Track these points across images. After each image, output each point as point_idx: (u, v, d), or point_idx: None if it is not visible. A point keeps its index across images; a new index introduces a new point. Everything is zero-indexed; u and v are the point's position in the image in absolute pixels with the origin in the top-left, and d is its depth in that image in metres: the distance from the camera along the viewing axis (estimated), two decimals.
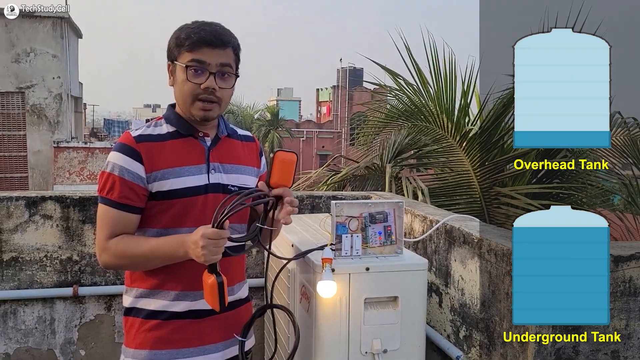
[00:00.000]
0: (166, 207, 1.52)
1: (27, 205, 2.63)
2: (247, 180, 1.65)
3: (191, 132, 1.58)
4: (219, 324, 1.60)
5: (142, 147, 1.52)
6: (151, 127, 1.58)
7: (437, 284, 2.33)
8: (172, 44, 1.53)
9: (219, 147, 1.61)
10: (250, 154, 1.71)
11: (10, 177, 12.06)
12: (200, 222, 1.51)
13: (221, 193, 1.56)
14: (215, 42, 1.49)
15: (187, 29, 1.51)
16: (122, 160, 1.50)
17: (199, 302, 1.55)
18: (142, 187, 1.51)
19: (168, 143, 1.55)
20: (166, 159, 1.53)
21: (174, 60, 1.53)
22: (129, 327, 1.59)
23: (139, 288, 1.57)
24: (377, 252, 1.87)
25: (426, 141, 5.23)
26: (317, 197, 3.03)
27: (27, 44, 11.74)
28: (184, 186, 1.52)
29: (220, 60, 1.50)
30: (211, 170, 1.57)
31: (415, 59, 5.26)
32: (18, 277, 2.65)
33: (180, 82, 1.52)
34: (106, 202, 1.52)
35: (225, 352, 1.62)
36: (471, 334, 2.06)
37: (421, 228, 2.50)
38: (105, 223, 1.52)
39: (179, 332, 1.55)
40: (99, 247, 1.53)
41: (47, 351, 2.71)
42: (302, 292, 1.91)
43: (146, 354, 1.54)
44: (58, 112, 12.06)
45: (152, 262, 1.51)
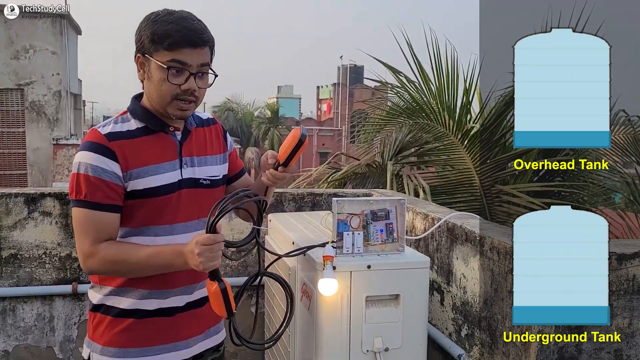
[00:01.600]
0: (140, 206, 1.49)
1: (26, 202, 2.62)
2: (216, 170, 1.63)
3: (162, 127, 1.53)
4: (190, 320, 1.59)
5: (115, 146, 1.46)
6: (119, 123, 1.52)
7: (439, 282, 2.32)
8: (145, 38, 1.46)
9: (189, 140, 1.58)
10: (216, 139, 1.68)
11: (10, 174, 12.05)
12: (174, 219, 1.51)
13: (193, 188, 1.55)
14: (197, 42, 1.45)
15: (164, 24, 1.43)
16: (96, 159, 1.44)
17: (169, 300, 1.54)
18: (121, 185, 1.46)
19: (140, 140, 1.50)
20: (140, 157, 1.48)
21: (148, 55, 1.46)
22: (97, 322, 1.56)
23: (109, 286, 1.53)
24: (379, 249, 1.86)
25: (427, 139, 5.21)
26: (318, 195, 3.01)
27: (27, 40, 11.72)
28: (159, 184, 1.49)
29: (200, 61, 1.46)
30: (184, 165, 1.54)
31: (417, 56, 5.24)
32: (17, 274, 2.63)
33: (158, 81, 1.46)
34: (87, 205, 1.45)
35: (198, 345, 1.62)
36: (473, 332, 2.05)
37: (423, 226, 2.49)
38: (89, 227, 1.45)
39: (149, 329, 1.54)
40: (84, 252, 1.46)
41: (46, 349, 2.70)
42: (303, 290, 1.90)
43: (116, 352, 1.52)
44: (57, 109, 12.04)
45: (147, 270, 1.49)
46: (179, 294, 1.56)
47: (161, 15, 1.46)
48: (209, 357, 1.68)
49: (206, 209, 1.58)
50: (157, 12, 1.49)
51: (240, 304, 2.88)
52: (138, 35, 1.48)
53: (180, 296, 1.57)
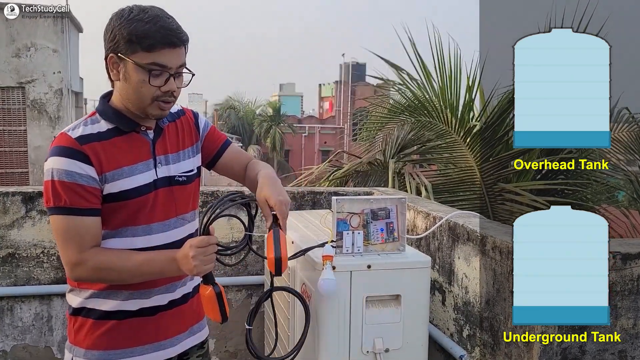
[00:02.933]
0: (116, 209, 1.45)
1: (23, 201, 2.60)
2: (190, 164, 1.60)
3: (133, 127, 1.50)
4: (173, 319, 1.58)
5: (88, 149, 1.42)
6: (88, 125, 1.47)
7: (441, 282, 2.29)
8: (120, 37, 1.40)
9: (162, 138, 1.55)
10: (187, 130, 1.64)
11: (11, 173, 12.05)
12: (151, 218, 1.48)
13: (169, 186, 1.53)
14: (176, 43, 1.42)
15: (141, 24, 1.39)
16: (69, 164, 1.39)
17: (151, 299, 1.52)
18: (98, 188, 1.43)
19: (111, 142, 1.46)
20: (113, 159, 1.45)
21: (122, 55, 1.41)
22: (78, 326, 1.52)
23: (89, 289, 1.50)
24: (379, 249, 1.83)
25: (430, 137, 5.19)
26: (318, 193, 2.99)
27: (28, 38, 11.71)
28: (135, 185, 1.46)
29: (178, 62, 1.44)
30: (158, 165, 1.51)
31: (419, 54, 5.22)
32: (15, 273, 2.61)
33: (137, 83, 1.41)
34: (67, 211, 1.40)
35: (182, 344, 1.60)
36: (475, 332, 2.03)
37: (424, 225, 2.46)
38: (73, 234, 1.41)
39: (133, 330, 1.51)
40: (71, 261, 1.42)
41: (44, 348, 2.68)
42: (303, 289, 1.88)
43: (99, 355, 1.50)
44: (59, 108, 12.03)
45: (138, 277, 1.46)
46: (161, 293, 1.54)
47: (135, 14, 1.41)
48: (194, 354, 1.67)
49: (183, 206, 1.57)
50: (129, 8, 1.43)
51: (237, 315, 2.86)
52: (111, 34, 1.42)
53: (163, 294, 1.55)
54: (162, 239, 1.50)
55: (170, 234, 1.53)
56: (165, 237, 1.51)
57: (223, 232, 2.71)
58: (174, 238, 1.54)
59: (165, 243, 1.52)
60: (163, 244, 1.51)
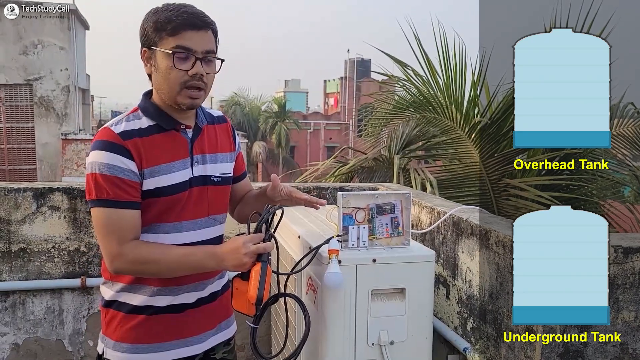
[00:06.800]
0: (150, 204, 1.48)
1: (34, 197, 2.64)
2: (226, 168, 1.63)
3: (173, 125, 1.52)
4: (201, 316, 1.60)
5: (130, 144, 1.45)
6: (131, 120, 1.50)
7: (445, 276, 2.32)
8: (149, 29, 1.46)
9: (200, 138, 1.58)
10: (226, 137, 1.68)
11: (19, 169, 12.14)
12: (182, 216, 1.51)
13: (204, 185, 1.55)
14: (198, 24, 1.44)
15: (165, 13, 1.44)
16: (111, 158, 1.43)
17: (179, 297, 1.55)
18: (139, 182, 1.45)
19: (152, 138, 1.49)
20: (152, 156, 1.47)
21: (153, 46, 1.46)
22: (109, 318, 1.57)
23: (120, 282, 1.54)
24: (384, 243, 1.86)
25: (434, 132, 5.20)
26: (324, 189, 3.02)
27: (35, 36, 11.77)
28: (171, 183, 1.49)
29: (205, 47, 1.46)
30: (195, 163, 1.54)
31: (424, 49, 5.22)
32: (26, 267, 2.66)
33: (165, 70, 1.44)
34: (109, 204, 1.42)
35: (208, 341, 1.63)
36: (479, 326, 2.05)
37: (429, 220, 2.49)
38: (114, 227, 1.43)
39: (160, 326, 1.54)
40: (111, 253, 1.44)
41: (55, 341, 2.73)
42: (309, 283, 1.90)
43: (128, 347, 1.53)
44: (66, 104, 12.09)
45: (177, 271, 1.49)
46: (190, 291, 1.57)
47: (162, 8, 1.47)
48: (220, 351, 1.69)
49: (216, 206, 1.59)
50: (156, 6, 1.49)
51: None
52: (142, 30, 1.49)
53: (192, 292, 1.57)
54: (192, 237, 1.52)
55: (200, 232, 1.55)
56: (195, 236, 1.52)
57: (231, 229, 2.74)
58: (203, 237, 1.55)
59: (195, 241, 1.53)
60: (192, 242, 1.53)
